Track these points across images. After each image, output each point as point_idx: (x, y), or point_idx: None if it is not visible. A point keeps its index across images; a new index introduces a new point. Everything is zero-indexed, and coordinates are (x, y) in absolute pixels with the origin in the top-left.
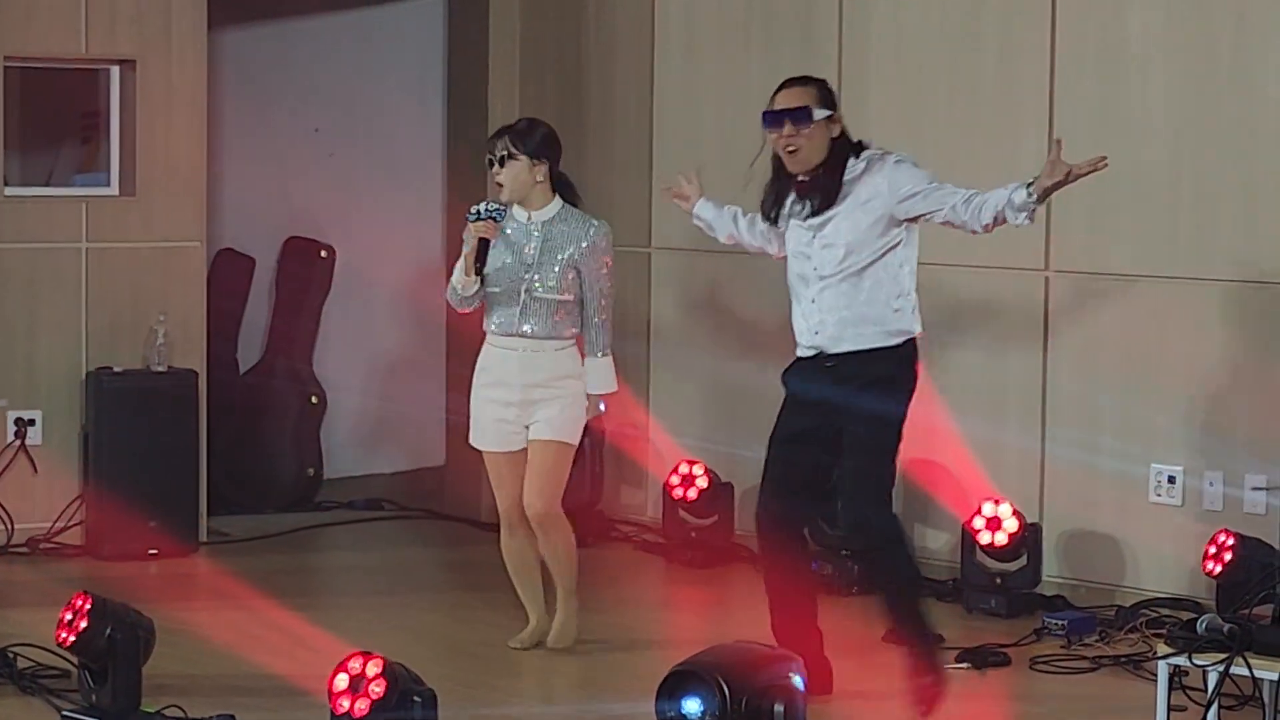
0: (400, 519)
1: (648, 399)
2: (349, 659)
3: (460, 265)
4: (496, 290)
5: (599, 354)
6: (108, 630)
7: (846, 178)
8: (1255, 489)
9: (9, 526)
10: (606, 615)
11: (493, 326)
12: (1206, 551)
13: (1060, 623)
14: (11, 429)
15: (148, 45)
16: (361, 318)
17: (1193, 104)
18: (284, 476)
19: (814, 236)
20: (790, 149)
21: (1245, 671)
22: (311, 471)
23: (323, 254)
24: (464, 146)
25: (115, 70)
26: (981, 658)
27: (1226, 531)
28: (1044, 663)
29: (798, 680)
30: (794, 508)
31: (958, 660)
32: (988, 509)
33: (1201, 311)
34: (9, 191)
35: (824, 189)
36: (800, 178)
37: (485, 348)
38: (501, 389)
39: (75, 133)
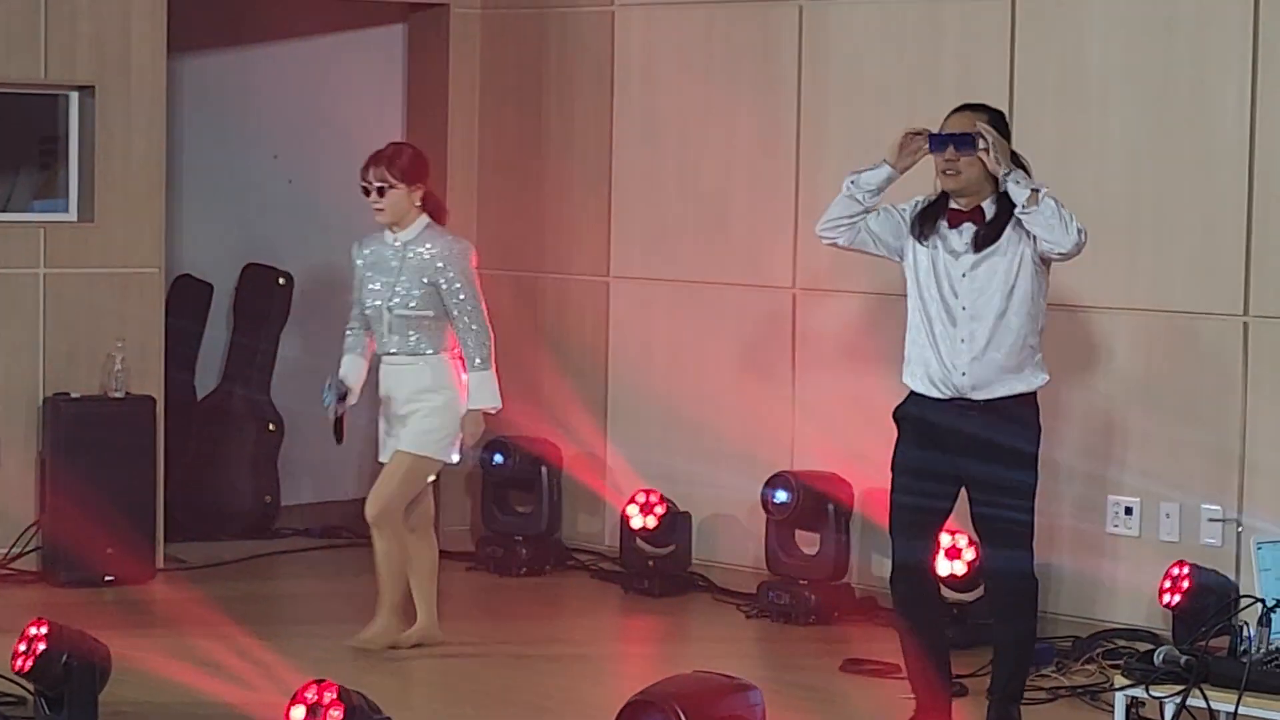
0: (358, 546)
1: (605, 428)
2: (306, 687)
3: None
4: (369, 312)
5: (475, 366)
6: (64, 657)
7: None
8: (1212, 520)
9: None
10: (563, 644)
11: (377, 347)
12: (1163, 583)
13: None
14: None
15: (107, 71)
16: (319, 345)
17: (1151, 134)
18: (241, 503)
19: (965, 274)
20: (948, 171)
21: (1202, 703)
22: (269, 499)
23: (281, 281)
24: None
25: (74, 96)
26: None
27: (1183, 563)
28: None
29: (757, 710)
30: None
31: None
32: (945, 539)
33: (1158, 343)
34: None
35: (985, 225)
36: (954, 204)
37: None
38: (383, 404)
39: (33, 158)
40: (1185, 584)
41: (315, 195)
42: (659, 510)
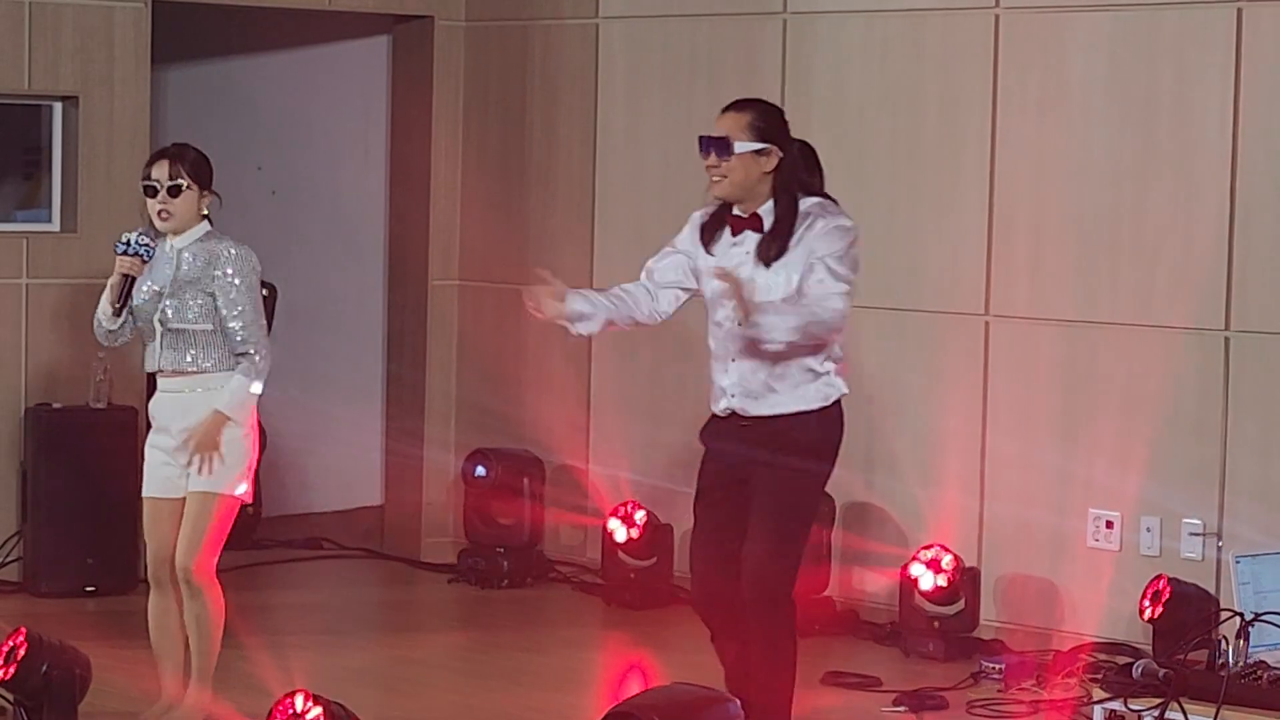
0: (339, 558)
1: (588, 440)
2: (287, 698)
3: (105, 296)
4: (139, 323)
5: (242, 375)
6: (44, 667)
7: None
8: (1192, 534)
9: None
10: (544, 656)
11: (146, 364)
12: (1143, 596)
13: (997, 666)
14: None
15: (91, 81)
16: (301, 357)
17: (1133, 149)
18: None
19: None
20: (714, 177)
21: (1180, 716)
22: (250, 509)
23: (264, 293)
24: (407, 185)
25: (58, 106)
26: (919, 701)
27: (1163, 576)
28: (981, 706)
29: None
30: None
31: (895, 703)
32: (926, 553)
33: (1140, 357)
34: None
35: (767, 234)
36: (736, 211)
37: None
38: (162, 435)
39: (17, 168)
40: (1165, 597)
41: (299, 206)
42: (641, 523)
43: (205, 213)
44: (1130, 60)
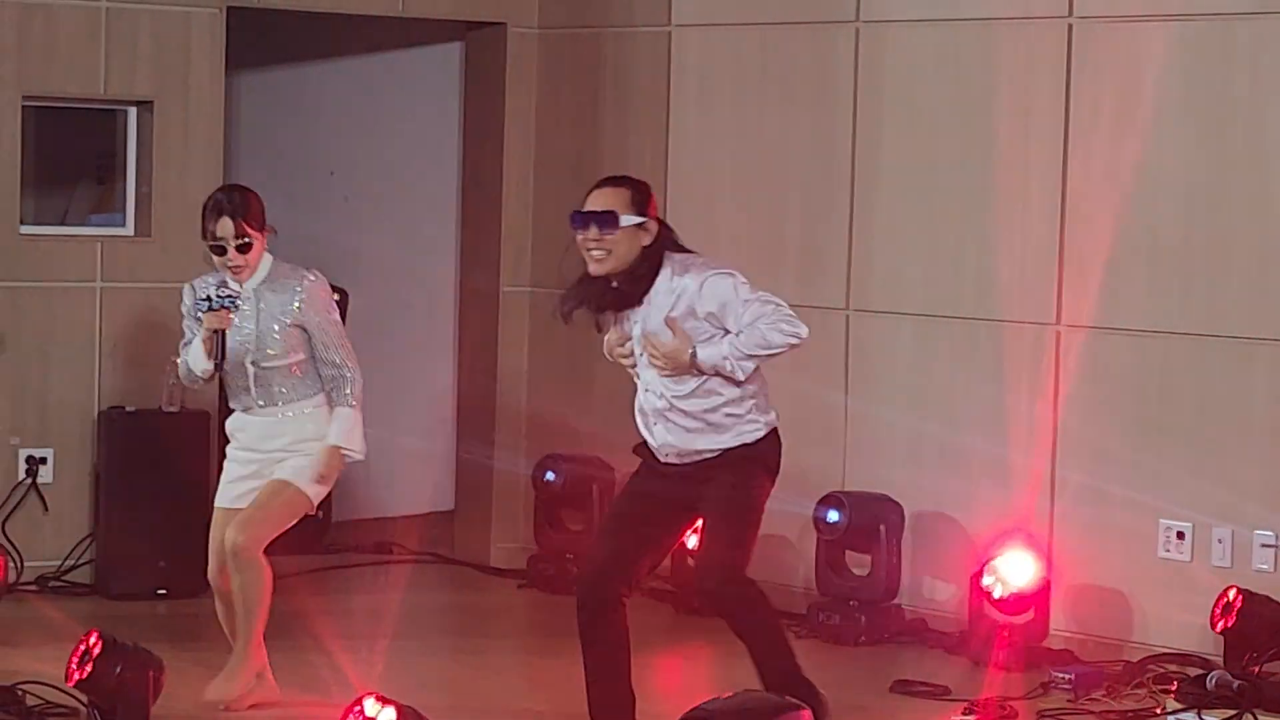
0: (409, 563)
1: None
2: (359, 701)
3: (194, 348)
4: (226, 368)
5: (345, 405)
6: (118, 669)
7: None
8: (1264, 545)
9: (19, 564)
10: None
11: (233, 404)
12: (1215, 607)
13: (1067, 677)
14: (23, 467)
15: (166, 87)
16: (372, 362)
17: (1207, 161)
18: None
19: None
20: (595, 253)
21: None
22: (320, 514)
23: (336, 297)
24: (479, 192)
25: (133, 111)
26: (989, 711)
27: (1235, 587)
28: (1051, 716)
29: None
30: None
31: (965, 713)
32: (996, 562)
33: (1211, 367)
34: (25, 230)
35: (627, 295)
36: (614, 282)
37: (232, 415)
38: (247, 452)
39: (91, 172)
40: (1236, 609)
41: (371, 212)
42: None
43: (267, 249)
44: (1204, 69)
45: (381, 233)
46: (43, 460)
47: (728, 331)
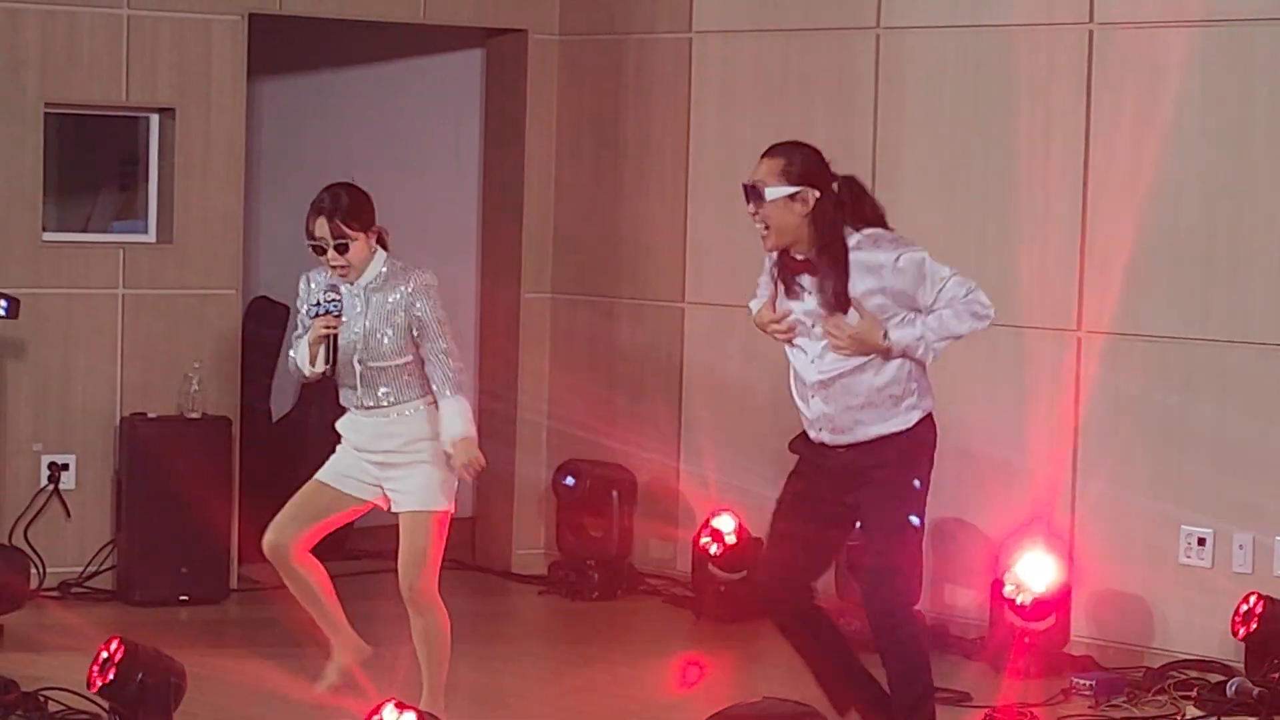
0: None
1: (679, 452)
2: (379, 707)
3: (302, 347)
4: (338, 366)
5: (446, 394)
6: (139, 675)
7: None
8: None
9: (41, 570)
10: (635, 669)
11: (343, 401)
12: (1235, 614)
13: (1089, 683)
14: (45, 473)
15: (187, 94)
16: None
17: (1227, 165)
18: None
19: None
20: (758, 228)
21: None
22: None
23: None
24: (500, 198)
25: (155, 118)
26: (1010, 717)
27: (1256, 594)
28: None
29: None
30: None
31: (985, 719)
32: (1015, 568)
33: (1232, 373)
34: (47, 237)
35: (830, 285)
36: (796, 255)
37: (344, 416)
38: (361, 453)
39: (113, 179)
40: (1257, 616)
41: (392, 218)
42: (731, 536)
43: (373, 247)
44: (1224, 75)
45: (402, 239)
46: (65, 466)
47: (915, 310)
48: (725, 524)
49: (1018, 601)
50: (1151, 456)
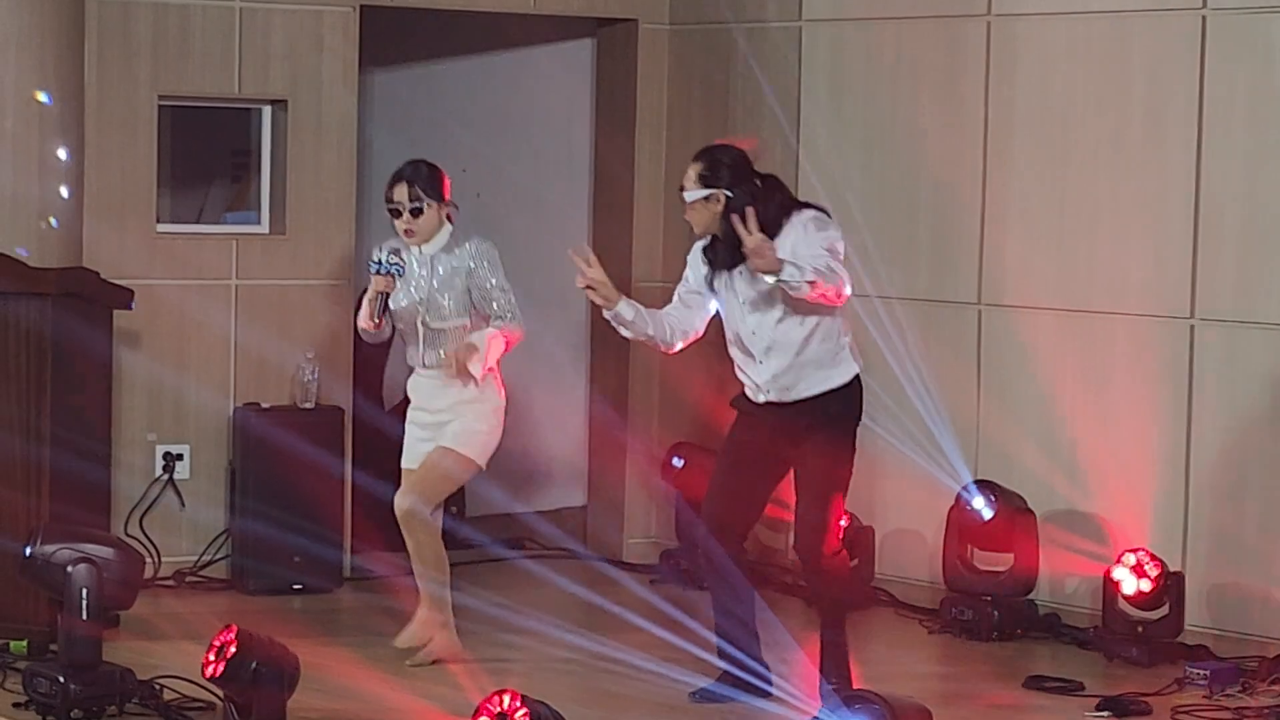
0: (542, 558)
1: None
2: (492, 697)
3: (364, 309)
4: (401, 326)
5: (492, 328)
6: (253, 664)
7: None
8: None
9: (156, 560)
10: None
11: (408, 359)
12: None
13: (1203, 673)
14: (159, 463)
15: (300, 85)
16: (506, 358)
17: None
18: None
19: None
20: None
21: None
22: (454, 510)
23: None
24: (611, 187)
25: (267, 109)
26: (1123, 707)
27: None
28: (1185, 713)
29: None
30: None
31: (1099, 708)
32: (1129, 557)
33: None
34: (161, 229)
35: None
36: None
37: (411, 376)
38: (420, 413)
39: (226, 171)
40: None
41: (503, 208)
42: (843, 524)
43: (443, 220)
44: None
45: (514, 229)
46: (179, 457)
47: None
48: None
49: (1130, 591)
50: (1267, 443)
